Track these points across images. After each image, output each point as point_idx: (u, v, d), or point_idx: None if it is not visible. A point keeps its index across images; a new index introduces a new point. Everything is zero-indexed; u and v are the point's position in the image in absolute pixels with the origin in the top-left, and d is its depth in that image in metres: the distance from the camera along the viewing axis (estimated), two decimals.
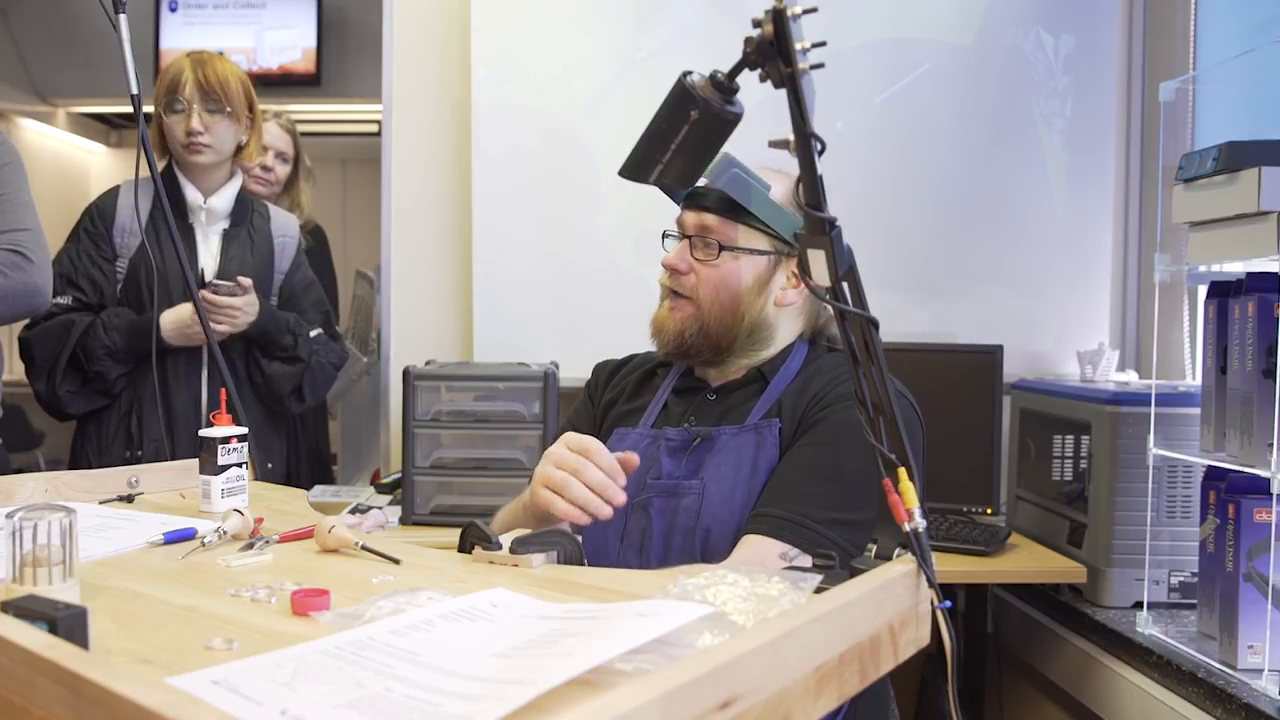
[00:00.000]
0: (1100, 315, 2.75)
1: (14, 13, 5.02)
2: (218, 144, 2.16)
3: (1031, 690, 2.37)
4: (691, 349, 1.41)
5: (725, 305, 1.39)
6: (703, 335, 1.40)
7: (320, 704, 0.63)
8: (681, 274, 1.40)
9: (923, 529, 0.87)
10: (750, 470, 1.34)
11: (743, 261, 1.39)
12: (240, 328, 2.11)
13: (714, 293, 1.39)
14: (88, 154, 6.05)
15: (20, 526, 0.83)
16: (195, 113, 2.13)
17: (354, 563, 1.05)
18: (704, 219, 1.40)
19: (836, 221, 0.90)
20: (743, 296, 1.39)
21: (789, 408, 1.38)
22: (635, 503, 1.37)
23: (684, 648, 0.72)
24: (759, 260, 1.40)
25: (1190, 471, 1.97)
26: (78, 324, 2.09)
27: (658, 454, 1.39)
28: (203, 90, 2.12)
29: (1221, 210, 1.66)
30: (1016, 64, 2.72)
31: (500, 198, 2.75)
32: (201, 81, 2.12)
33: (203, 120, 2.13)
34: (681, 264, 1.40)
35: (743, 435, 1.37)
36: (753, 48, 0.89)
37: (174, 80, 2.14)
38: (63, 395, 2.10)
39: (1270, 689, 1.55)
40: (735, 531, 1.31)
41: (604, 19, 2.75)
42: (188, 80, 2.13)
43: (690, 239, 1.41)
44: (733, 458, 1.36)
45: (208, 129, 2.13)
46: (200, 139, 2.13)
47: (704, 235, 1.39)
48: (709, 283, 1.39)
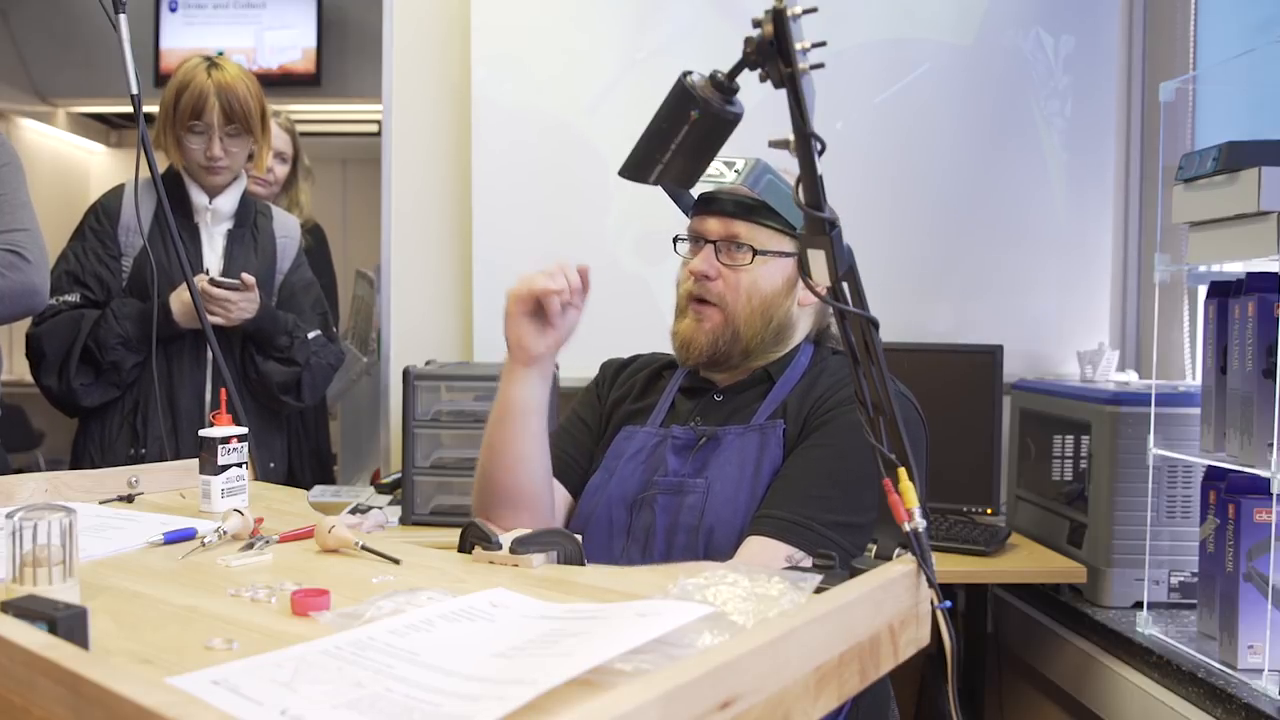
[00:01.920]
0: (1100, 315, 2.75)
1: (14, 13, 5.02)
2: (235, 164, 2.20)
3: (1031, 690, 2.37)
4: (724, 356, 1.41)
5: (756, 309, 1.39)
6: (735, 341, 1.40)
7: (320, 704, 0.63)
8: (710, 280, 1.39)
9: (923, 529, 0.87)
10: (754, 470, 1.34)
11: (772, 264, 1.39)
12: (234, 322, 2.11)
13: (746, 298, 1.38)
14: (88, 154, 6.05)
15: (20, 526, 0.83)
16: (217, 138, 2.13)
17: (354, 563, 1.05)
18: (731, 225, 1.38)
19: (837, 221, 0.90)
20: (772, 299, 1.39)
21: (794, 408, 1.38)
22: (639, 499, 1.38)
23: (684, 648, 0.72)
24: (786, 262, 1.39)
25: (1190, 471, 1.97)
26: (87, 317, 2.09)
27: (664, 452, 1.40)
28: (227, 115, 2.13)
29: (1221, 210, 1.66)
30: (1016, 64, 2.72)
31: (500, 197, 2.75)
32: (226, 108, 2.12)
33: (224, 145, 2.14)
34: (710, 270, 1.39)
35: (747, 435, 1.37)
36: (753, 48, 0.89)
37: (197, 103, 2.12)
38: (77, 388, 2.10)
39: (1270, 689, 1.55)
40: (739, 531, 1.31)
41: (604, 18, 2.75)
42: (214, 106, 2.12)
43: (715, 244, 1.40)
44: (737, 457, 1.36)
45: (228, 153, 2.15)
46: (220, 162, 2.15)
47: (732, 240, 1.38)
48: (739, 288, 1.38)
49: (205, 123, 2.12)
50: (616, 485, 1.40)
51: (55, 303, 2.08)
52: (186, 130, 2.14)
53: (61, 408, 2.17)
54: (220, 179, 2.18)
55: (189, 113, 2.12)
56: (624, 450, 1.44)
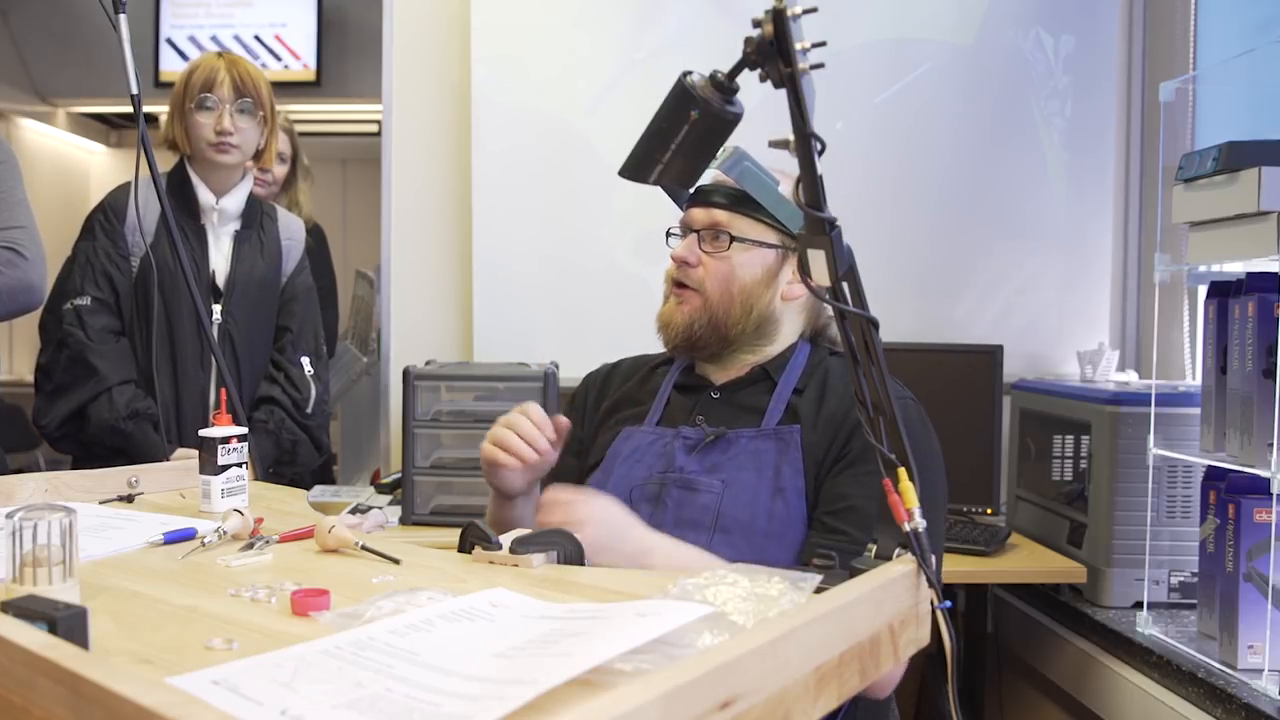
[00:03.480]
0: (1100, 315, 2.75)
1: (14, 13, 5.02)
2: (245, 145, 2.14)
3: (1031, 690, 2.37)
4: (699, 341, 1.42)
5: (733, 296, 1.40)
6: (711, 327, 1.41)
7: (320, 704, 0.63)
8: (690, 266, 1.41)
9: (923, 529, 0.87)
10: (774, 474, 1.34)
11: (751, 254, 1.40)
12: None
13: (723, 284, 1.40)
14: (88, 154, 6.06)
15: (20, 526, 0.83)
16: (227, 112, 2.10)
17: (354, 563, 1.05)
18: (713, 214, 1.41)
19: (836, 221, 0.90)
20: (751, 288, 1.41)
21: (808, 414, 1.37)
22: (645, 490, 1.38)
23: (684, 648, 0.72)
24: (767, 253, 1.41)
25: (1190, 471, 1.97)
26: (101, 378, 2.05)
27: (673, 450, 1.40)
28: (238, 90, 2.10)
29: (1221, 210, 1.66)
30: (1016, 64, 2.72)
31: (500, 197, 2.75)
32: (237, 81, 2.10)
33: (234, 121, 2.12)
34: (690, 256, 1.41)
35: (761, 439, 1.37)
36: (753, 48, 0.89)
37: (208, 77, 2.10)
38: (53, 433, 2.10)
39: (1270, 689, 1.55)
40: (760, 533, 1.31)
41: (604, 19, 2.75)
42: (224, 79, 2.10)
43: (698, 233, 1.42)
44: (753, 461, 1.36)
45: (237, 129, 2.12)
46: (230, 139, 2.11)
47: (713, 229, 1.41)
48: (717, 275, 1.40)
49: (217, 96, 2.10)
50: (617, 482, 1.41)
51: (69, 307, 2.06)
52: (197, 106, 2.10)
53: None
54: (229, 158, 2.12)
55: (200, 86, 2.10)
56: (622, 450, 1.44)
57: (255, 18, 4.79)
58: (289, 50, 4.79)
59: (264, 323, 2.23)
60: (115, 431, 2.03)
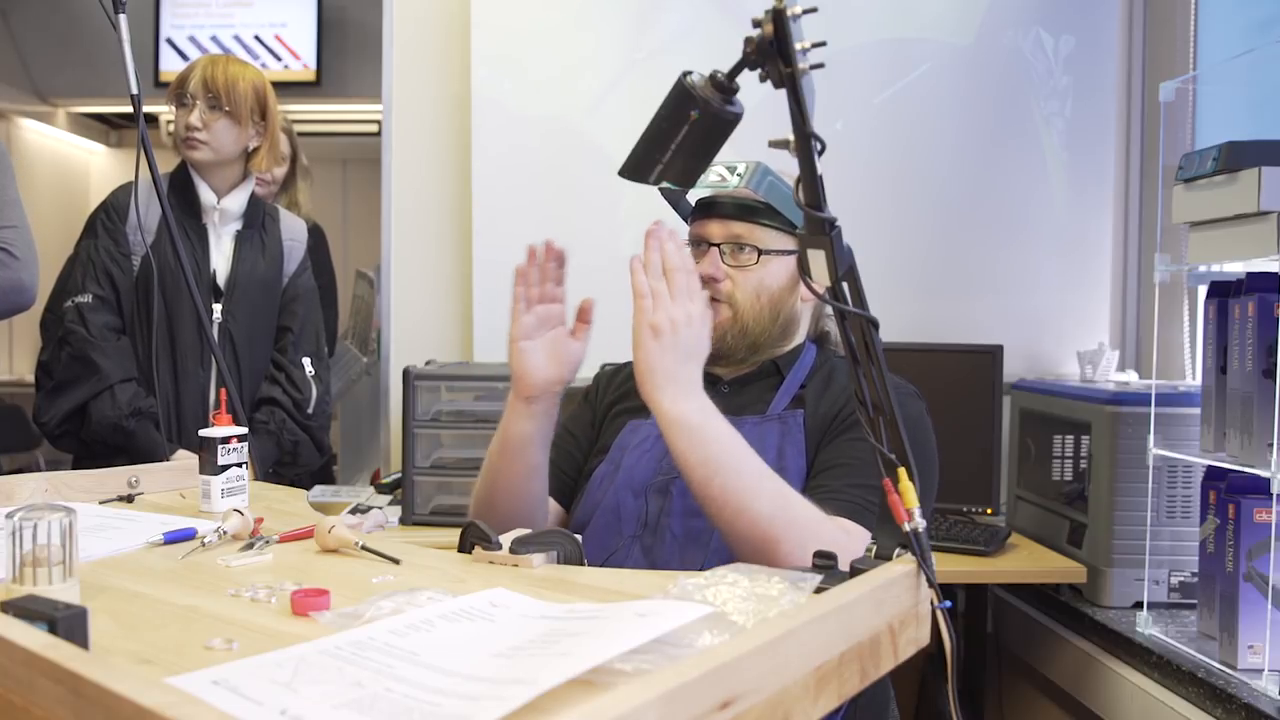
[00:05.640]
0: (1100, 315, 2.75)
1: (14, 13, 5.02)
2: (215, 143, 2.14)
3: (1031, 690, 2.37)
4: (728, 350, 1.43)
5: (764, 306, 1.42)
6: (741, 335, 1.42)
7: (320, 704, 0.63)
8: (718, 282, 1.41)
9: (923, 529, 0.87)
10: (777, 455, 1.35)
11: (777, 263, 1.41)
12: None
13: (754, 296, 1.41)
14: (88, 154, 6.06)
15: (20, 526, 0.83)
16: (197, 109, 2.12)
17: (354, 563, 1.05)
18: (730, 226, 1.41)
19: (836, 221, 0.90)
20: (779, 295, 1.42)
21: (811, 401, 1.40)
22: (651, 485, 1.39)
23: (684, 648, 0.72)
24: (790, 259, 1.42)
25: (1190, 471, 1.97)
26: (103, 376, 2.05)
27: None
28: (206, 87, 2.12)
29: (1221, 210, 1.66)
30: (1016, 64, 2.72)
31: (500, 197, 2.75)
32: (208, 79, 2.12)
33: (203, 117, 2.12)
34: (717, 272, 1.41)
35: (765, 425, 1.39)
36: (753, 48, 0.89)
37: (185, 75, 2.15)
38: (53, 431, 2.10)
39: (1270, 689, 1.55)
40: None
41: (604, 19, 2.75)
42: (197, 77, 2.13)
43: (718, 247, 1.42)
44: (757, 445, 1.36)
45: (206, 126, 2.12)
46: (197, 135, 2.12)
47: (735, 241, 1.41)
48: (747, 287, 1.41)
49: (189, 93, 2.12)
50: (625, 474, 1.41)
51: (70, 304, 2.08)
52: (176, 104, 2.15)
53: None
54: (198, 154, 2.13)
55: (176, 83, 2.14)
56: (629, 442, 1.45)
57: (255, 18, 4.79)
58: (289, 50, 4.79)
59: (264, 323, 2.23)
60: (117, 429, 2.03)
